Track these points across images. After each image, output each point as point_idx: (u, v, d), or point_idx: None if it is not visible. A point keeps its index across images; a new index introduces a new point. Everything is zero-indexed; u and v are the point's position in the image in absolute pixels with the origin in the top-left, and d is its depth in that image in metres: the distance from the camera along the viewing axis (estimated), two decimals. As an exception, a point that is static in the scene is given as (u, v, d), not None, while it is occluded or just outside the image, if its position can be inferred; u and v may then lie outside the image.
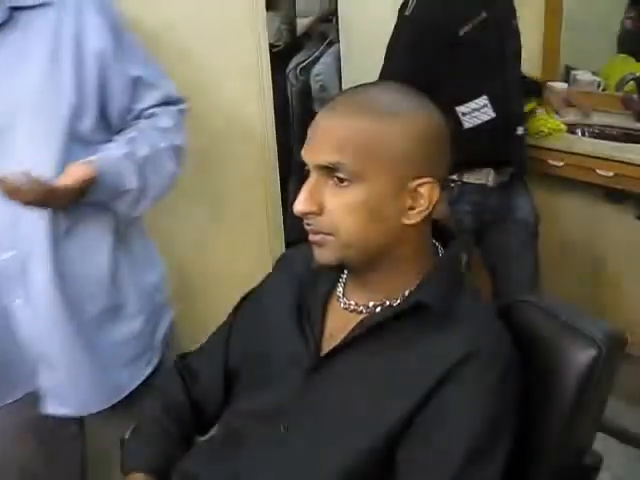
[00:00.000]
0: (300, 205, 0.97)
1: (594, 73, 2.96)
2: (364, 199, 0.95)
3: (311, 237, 1.00)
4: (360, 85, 1.04)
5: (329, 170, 0.96)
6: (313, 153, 0.98)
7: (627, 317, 2.72)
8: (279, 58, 3.16)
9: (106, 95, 1.35)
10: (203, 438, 1.25)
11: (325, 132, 0.97)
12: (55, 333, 1.36)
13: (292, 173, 3.01)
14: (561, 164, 2.41)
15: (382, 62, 2.25)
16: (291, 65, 3.09)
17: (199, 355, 1.28)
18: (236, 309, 1.26)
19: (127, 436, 1.25)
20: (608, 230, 2.05)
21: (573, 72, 2.96)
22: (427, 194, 0.98)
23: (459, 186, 2.15)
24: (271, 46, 3.16)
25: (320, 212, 0.97)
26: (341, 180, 0.95)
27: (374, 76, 2.19)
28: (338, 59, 2.91)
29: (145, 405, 1.27)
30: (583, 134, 2.68)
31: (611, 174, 2.20)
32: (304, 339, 1.08)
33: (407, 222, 0.98)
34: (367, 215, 0.96)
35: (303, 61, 3.06)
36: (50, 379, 1.40)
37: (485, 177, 2.15)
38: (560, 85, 2.73)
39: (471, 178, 2.15)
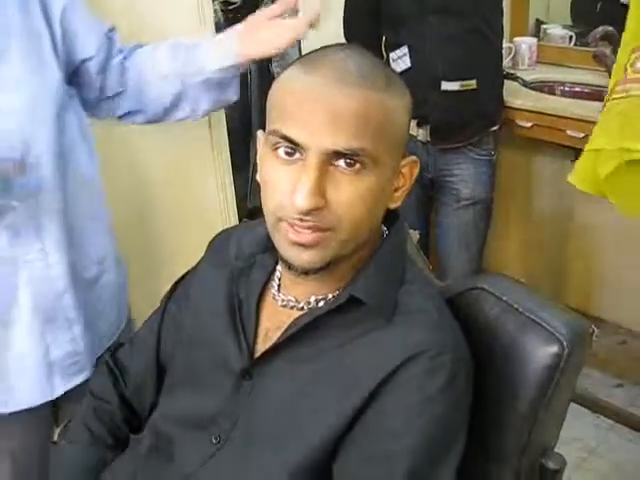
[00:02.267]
0: (306, 202, 0.80)
1: (565, 26, 2.85)
2: (372, 186, 0.83)
3: (297, 237, 0.84)
4: (332, 47, 0.89)
5: (338, 156, 0.81)
6: (318, 136, 0.80)
7: (597, 277, 2.69)
8: (237, 16, 3.02)
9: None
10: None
11: (336, 110, 0.80)
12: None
13: (252, 138, 2.88)
14: (529, 125, 2.30)
15: (341, 17, 2.28)
16: (247, 23, 2.93)
17: (130, 350, 1.19)
18: (169, 295, 1.16)
19: (56, 438, 1.22)
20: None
21: (543, 26, 2.84)
22: (409, 173, 0.90)
23: None
24: (227, 3, 3.04)
25: (325, 205, 0.82)
26: (351, 165, 0.82)
27: (333, 34, 2.13)
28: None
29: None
30: (553, 92, 2.56)
31: (582, 135, 2.09)
32: (236, 339, 0.97)
33: (392, 206, 0.90)
34: (373, 204, 0.85)
35: (260, 19, 2.90)
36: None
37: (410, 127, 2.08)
38: (529, 40, 2.64)
39: None
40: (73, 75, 1.32)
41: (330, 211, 0.82)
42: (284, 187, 0.83)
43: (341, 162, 0.82)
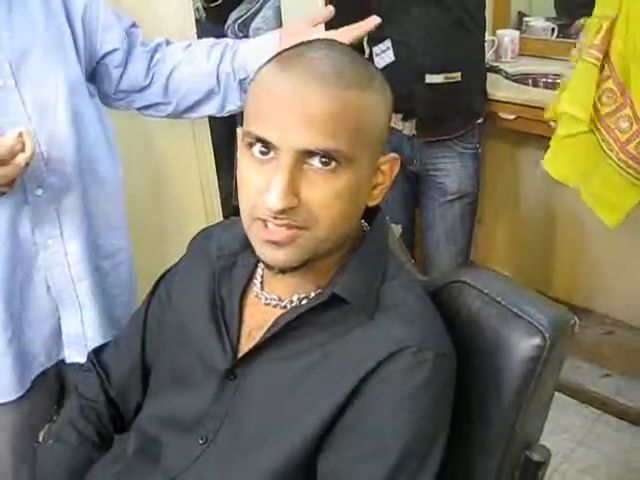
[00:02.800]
0: (279, 202, 0.79)
1: (548, 19, 2.85)
2: (349, 185, 0.82)
3: (270, 236, 0.83)
4: (306, 45, 0.88)
5: (311, 155, 0.80)
6: (291, 135, 0.79)
7: (584, 267, 2.70)
8: (218, 13, 3.01)
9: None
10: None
11: (309, 109, 0.79)
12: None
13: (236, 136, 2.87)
14: (513, 117, 2.30)
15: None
16: (230, 20, 2.91)
17: (114, 348, 1.18)
18: (150, 296, 1.15)
19: (41, 438, 1.23)
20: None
21: (526, 19, 2.84)
22: (389, 170, 0.89)
23: None
24: (210, 0, 3.02)
25: (298, 204, 0.81)
26: (326, 164, 0.80)
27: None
28: (279, 12, 2.76)
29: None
30: (536, 84, 2.56)
31: (566, 128, 2.09)
32: (220, 339, 0.96)
33: (371, 203, 0.89)
34: (349, 202, 0.83)
35: (242, 15, 2.89)
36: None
37: (393, 121, 2.12)
38: (511, 33, 2.64)
39: None
40: (94, 69, 1.36)
41: (305, 210, 0.81)
42: (258, 187, 0.82)
43: (315, 161, 0.80)
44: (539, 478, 0.96)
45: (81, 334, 1.36)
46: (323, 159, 0.80)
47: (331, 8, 1.34)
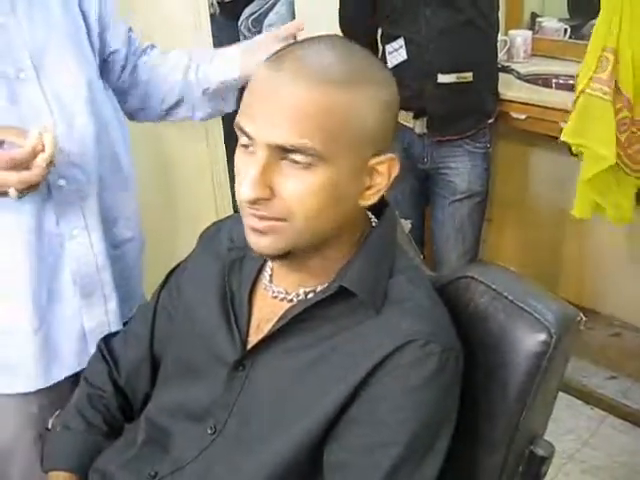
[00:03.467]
0: (249, 191, 0.82)
1: (561, 20, 2.84)
2: (325, 182, 0.82)
3: (255, 224, 0.85)
4: (306, 41, 0.88)
5: (286, 150, 0.81)
6: (265, 129, 0.81)
7: (592, 269, 2.70)
8: (232, 9, 3.01)
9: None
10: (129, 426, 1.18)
11: (282, 105, 0.81)
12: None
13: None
14: (523, 117, 2.30)
15: (336, 10, 2.27)
16: (243, 16, 2.92)
17: (123, 338, 1.20)
18: (160, 288, 1.16)
19: (50, 426, 1.20)
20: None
21: (538, 19, 2.84)
22: (387, 171, 0.88)
23: None
24: (223, -4, 3.04)
25: (271, 196, 0.83)
26: (300, 161, 0.81)
27: (330, 25, 2.17)
28: (292, 8, 2.77)
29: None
30: (548, 85, 2.56)
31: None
32: (229, 331, 0.98)
33: (363, 204, 0.88)
34: (327, 199, 0.83)
35: (256, 11, 2.90)
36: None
37: (405, 120, 2.15)
38: (524, 33, 2.64)
39: (400, 117, 2.12)
40: (100, 66, 1.38)
41: (280, 203, 0.83)
42: (241, 176, 0.85)
43: (290, 157, 0.82)
44: (543, 473, 0.96)
45: (105, 323, 1.37)
46: (297, 156, 0.81)
47: (300, 22, 1.35)
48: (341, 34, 2.15)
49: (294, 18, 2.77)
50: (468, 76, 2.06)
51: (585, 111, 1.89)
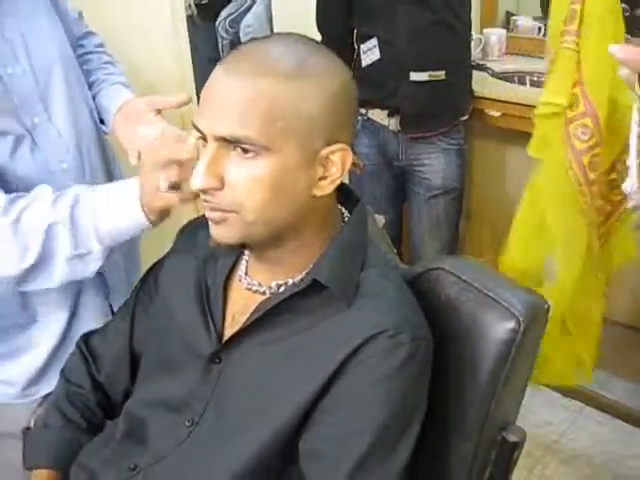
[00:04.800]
0: (199, 181, 0.86)
1: (536, 18, 2.88)
2: (272, 172, 0.85)
3: (209, 214, 0.89)
4: (259, 39, 0.91)
5: (230, 142, 0.85)
6: (211, 122, 0.85)
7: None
8: (209, 10, 3.02)
9: None
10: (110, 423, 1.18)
11: (224, 98, 0.84)
12: None
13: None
14: (498, 114, 2.33)
15: (313, 11, 2.27)
16: (221, 17, 2.93)
17: (103, 335, 1.21)
18: (139, 286, 1.18)
19: (32, 424, 1.22)
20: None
21: (513, 18, 2.87)
22: (340, 161, 0.89)
23: (363, 120, 2.21)
24: (200, -2, 3.04)
25: (221, 186, 0.86)
26: (245, 151, 0.84)
27: (306, 26, 2.16)
28: (269, 9, 2.78)
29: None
30: (522, 82, 2.60)
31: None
32: (205, 324, 0.99)
33: (318, 194, 0.89)
34: (275, 189, 0.85)
35: (233, 12, 2.91)
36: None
37: (380, 117, 2.18)
38: (498, 31, 2.67)
39: (374, 115, 2.20)
40: None
41: (230, 194, 0.86)
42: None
43: (237, 147, 0.85)
44: (514, 458, 0.99)
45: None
46: (242, 146, 0.84)
47: (186, 96, 1.31)
48: (318, 34, 2.17)
49: (271, 19, 2.79)
50: (440, 74, 2.09)
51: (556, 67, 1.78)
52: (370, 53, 2.11)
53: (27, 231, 1.08)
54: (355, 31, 2.20)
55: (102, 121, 1.40)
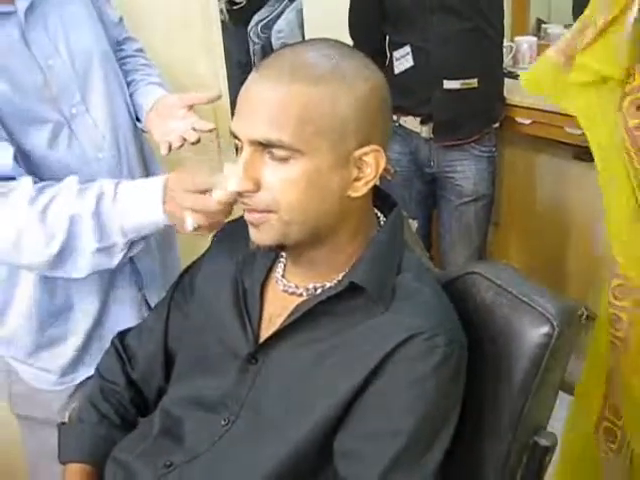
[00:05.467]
0: (235, 184, 0.89)
1: (567, 26, 2.87)
2: (305, 174, 0.87)
3: (247, 216, 0.92)
4: (293, 45, 0.95)
5: (265, 145, 0.87)
6: (246, 127, 0.89)
7: (595, 276, 2.70)
8: (241, 15, 3.06)
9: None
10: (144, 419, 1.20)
11: (258, 103, 0.88)
12: None
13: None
14: (528, 122, 2.33)
15: (345, 17, 2.28)
16: (252, 22, 2.97)
17: (138, 333, 1.23)
18: (175, 286, 1.20)
19: (67, 418, 1.23)
20: (578, 188, 1.99)
21: (544, 26, 2.87)
22: (374, 163, 0.91)
23: (395, 127, 2.22)
24: (233, 3, 3.08)
25: (257, 189, 0.89)
26: (279, 154, 0.87)
27: (337, 31, 2.15)
28: (301, 14, 2.81)
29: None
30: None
31: (580, 132, 2.12)
32: (242, 325, 1.01)
33: (353, 194, 0.91)
34: (310, 190, 0.88)
35: (265, 18, 2.94)
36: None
37: (412, 125, 2.20)
38: (529, 39, 2.66)
39: (407, 123, 2.21)
40: None
41: (268, 195, 0.89)
42: None
43: (271, 151, 0.88)
44: (546, 462, 0.99)
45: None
46: (276, 150, 0.87)
47: (216, 92, 1.36)
48: (350, 40, 2.19)
49: (302, 24, 2.82)
50: (473, 82, 2.10)
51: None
52: (403, 60, 2.12)
53: (53, 220, 1.12)
54: (387, 38, 2.22)
55: (138, 120, 1.44)
